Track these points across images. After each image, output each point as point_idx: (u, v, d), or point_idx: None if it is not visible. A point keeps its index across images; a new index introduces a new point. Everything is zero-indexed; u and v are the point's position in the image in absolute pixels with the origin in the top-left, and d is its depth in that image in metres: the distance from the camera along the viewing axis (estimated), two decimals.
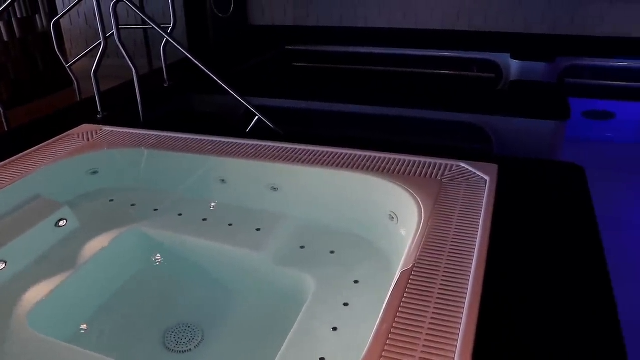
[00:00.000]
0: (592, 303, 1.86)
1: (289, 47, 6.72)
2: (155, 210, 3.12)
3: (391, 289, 1.89)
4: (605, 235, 2.35)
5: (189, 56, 3.64)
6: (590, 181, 2.78)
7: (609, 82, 6.11)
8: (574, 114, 4.78)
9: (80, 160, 3.17)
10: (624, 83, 6.09)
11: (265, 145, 3.14)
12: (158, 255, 2.95)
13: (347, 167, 2.81)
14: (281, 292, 2.66)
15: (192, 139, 3.29)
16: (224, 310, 2.70)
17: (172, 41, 3.75)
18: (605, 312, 1.80)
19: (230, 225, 2.96)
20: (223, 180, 3.14)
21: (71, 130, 3.47)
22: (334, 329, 2.24)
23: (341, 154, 2.96)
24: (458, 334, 1.67)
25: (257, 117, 3.60)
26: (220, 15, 6.49)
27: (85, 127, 3.53)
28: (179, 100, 4.69)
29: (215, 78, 3.61)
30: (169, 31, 4.27)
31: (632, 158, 5.38)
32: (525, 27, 6.59)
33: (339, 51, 6.51)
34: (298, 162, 2.91)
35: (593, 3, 6.34)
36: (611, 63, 6.05)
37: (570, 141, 5.04)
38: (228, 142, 3.22)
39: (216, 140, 3.25)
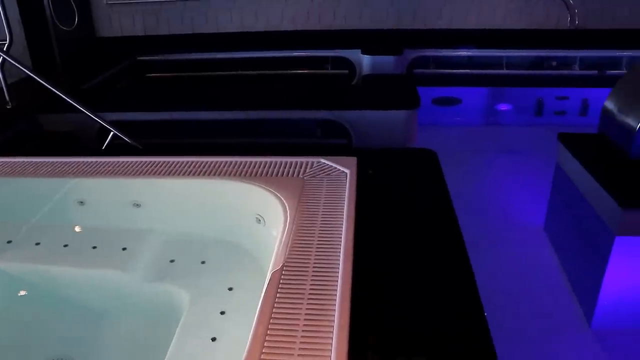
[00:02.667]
0: (453, 278, 1.98)
1: (142, 58, 6.52)
2: (9, 242, 2.90)
3: (263, 291, 1.90)
4: (458, 210, 2.53)
5: (31, 74, 3.43)
6: (443, 162, 2.97)
7: (454, 71, 6.56)
8: (424, 102, 5.07)
9: None
10: (467, 71, 6.57)
11: (124, 161, 3.03)
12: (19, 290, 2.76)
13: (210, 174, 2.78)
14: (155, 309, 2.59)
15: (44, 162, 3.09)
16: (96, 337, 2.58)
17: (9, 59, 3.51)
18: (467, 290, 1.93)
19: (94, 248, 2.83)
20: (82, 202, 2.99)
21: None
22: (213, 339, 2.22)
23: (203, 162, 2.92)
24: (333, 326, 1.72)
25: (112, 133, 3.47)
26: (64, 28, 6.15)
27: None
28: (24, 122, 4.40)
29: (62, 95, 3.43)
30: (4, 48, 3.98)
31: (478, 139, 5.81)
32: (373, 23, 6.88)
33: (193, 58, 6.41)
34: (159, 175, 2.84)
35: None
36: (453, 53, 6.49)
37: (423, 127, 5.35)
38: (83, 161, 3.07)
39: (70, 161, 3.08)
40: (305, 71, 6.36)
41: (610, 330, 3.07)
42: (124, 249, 2.78)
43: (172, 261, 2.74)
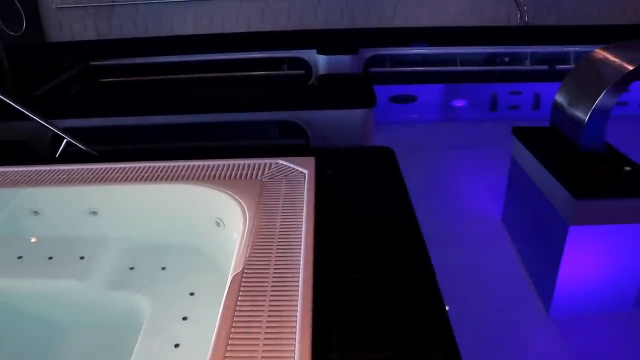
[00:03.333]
0: (414, 275, 2.01)
1: (95, 63, 6.40)
2: None
3: (224, 294, 1.89)
4: (417, 206, 2.56)
5: None
6: (400, 159, 3.00)
7: (409, 68, 6.64)
8: (381, 100, 5.11)
9: None
10: (422, 68, 6.66)
11: (79, 169, 2.96)
12: None
13: (168, 179, 2.75)
14: (115, 319, 2.55)
15: None
16: (55, 351, 2.52)
17: None
18: (427, 286, 1.95)
19: (50, 258, 2.76)
20: (36, 212, 2.92)
21: None
22: (176, 345, 2.20)
23: (160, 167, 2.89)
24: (295, 327, 1.72)
25: (65, 140, 3.39)
26: (12, 33, 5.99)
27: None
28: None
29: (12, 103, 3.34)
30: None
31: (435, 136, 5.89)
32: (328, 23, 6.91)
33: (148, 62, 6.33)
34: (116, 181, 2.79)
35: None
36: (408, 51, 6.58)
37: (380, 126, 5.39)
38: (37, 170, 2.99)
39: (23, 170, 3.00)
40: (262, 72, 6.35)
41: (568, 317, 3.15)
42: (82, 257, 2.72)
43: (131, 268, 2.70)
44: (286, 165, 2.78)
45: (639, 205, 2.92)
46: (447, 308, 3.05)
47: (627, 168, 3.08)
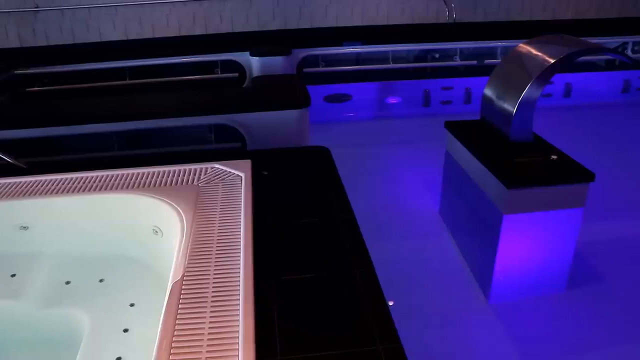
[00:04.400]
0: (354, 272, 2.03)
1: (20, 72, 6.15)
2: None
3: (165, 303, 1.86)
4: (356, 203, 2.59)
5: None
6: (337, 158, 3.03)
7: (343, 68, 6.70)
8: (315, 100, 5.13)
9: None
10: (356, 67, 6.73)
11: (7, 183, 2.85)
12: None
13: (102, 189, 2.68)
14: (53, 336, 2.46)
15: None
16: None
17: None
18: (369, 282, 1.98)
19: None
20: None
21: None
22: (118, 359, 2.15)
23: (93, 177, 2.81)
24: (238, 332, 1.71)
25: None
26: None
27: None
28: None
29: None
30: None
31: (371, 133, 5.97)
32: (260, 25, 6.89)
33: (76, 70, 6.12)
34: (47, 194, 2.70)
35: None
36: (341, 50, 6.63)
37: (316, 126, 5.41)
38: None
39: None
40: (195, 77, 6.27)
41: (506, 303, 3.25)
42: (13, 275, 2.62)
43: (67, 283, 2.61)
44: (222, 169, 2.76)
45: (566, 191, 3.05)
46: (390, 304, 3.10)
47: (554, 157, 3.21)
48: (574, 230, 3.19)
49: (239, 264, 2.01)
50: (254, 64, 6.04)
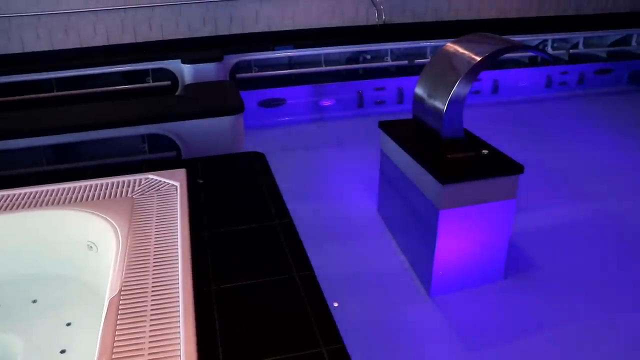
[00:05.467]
0: (294, 275, 2.03)
1: None
2: None
3: (102, 320, 1.81)
4: (294, 206, 2.59)
5: None
6: (274, 162, 3.02)
7: (276, 72, 6.70)
8: (250, 105, 5.11)
9: None
10: (289, 71, 6.74)
11: None
12: None
13: (32, 206, 2.58)
14: None
15: None
16: None
17: None
18: (309, 285, 1.98)
19: None
20: None
21: None
22: None
23: (23, 193, 2.71)
24: (179, 344, 1.68)
25: None
26: None
27: None
28: None
29: None
30: None
31: (306, 136, 5.98)
32: (190, 31, 6.80)
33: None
34: None
35: (246, 3, 6.83)
36: (274, 55, 6.63)
37: (252, 131, 5.40)
38: None
39: None
40: (126, 86, 6.12)
41: (447, 295, 3.32)
42: None
43: None
44: (157, 180, 2.71)
45: (498, 184, 3.15)
46: (335, 305, 3.11)
47: (485, 151, 3.31)
48: (508, 221, 3.29)
49: (178, 274, 1.98)
50: (186, 71, 5.95)
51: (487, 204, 3.18)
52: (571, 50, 7.89)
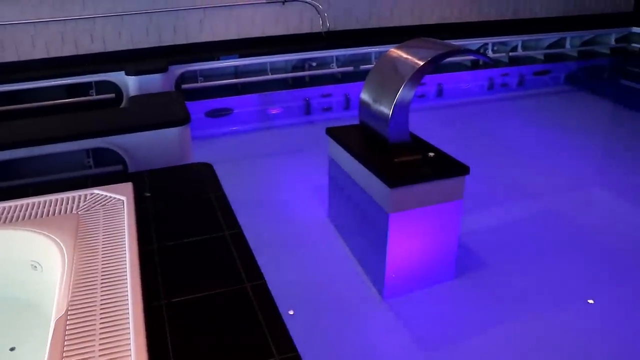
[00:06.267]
0: (246, 285, 2.02)
1: None
2: None
3: (48, 342, 1.75)
4: (245, 216, 2.58)
5: None
6: (223, 172, 3.00)
7: (222, 82, 6.66)
8: (197, 116, 5.05)
9: None
10: (235, 80, 6.71)
11: None
12: None
13: None
14: None
15: None
16: None
17: None
18: (261, 294, 1.97)
19: None
20: None
21: None
22: None
23: None
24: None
25: None
26: None
27: None
28: None
29: None
30: None
31: (255, 145, 5.96)
32: (134, 43, 6.69)
33: None
34: None
35: (190, 13, 6.77)
36: (219, 64, 6.59)
37: (200, 142, 5.35)
38: None
39: None
40: (69, 100, 5.98)
41: (401, 297, 3.36)
42: None
43: None
44: (103, 195, 2.65)
45: (445, 186, 3.20)
46: (290, 313, 3.11)
47: (431, 154, 3.37)
48: (456, 221, 3.35)
49: (127, 291, 1.94)
50: (130, 83, 5.85)
51: (435, 206, 3.23)
52: (511, 53, 8.14)
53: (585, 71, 8.65)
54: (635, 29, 8.99)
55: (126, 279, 2.00)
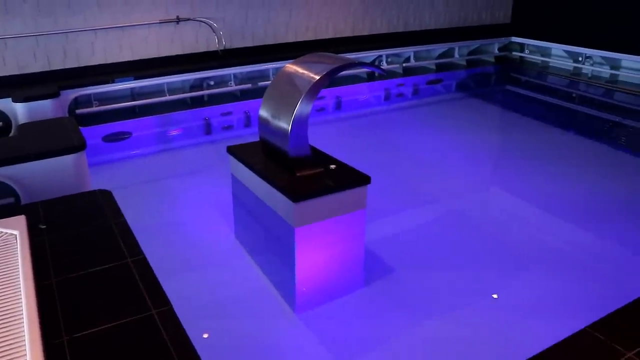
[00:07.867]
0: (153, 314, 1.97)
1: None
2: None
3: None
4: (148, 241, 2.51)
5: None
6: (123, 198, 2.91)
7: (119, 105, 6.48)
8: (94, 141, 4.87)
9: None
10: (132, 103, 6.55)
11: None
12: None
13: None
14: None
15: None
16: None
17: None
18: (168, 319, 1.93)
19: None
20: None
21: None
22: None
23: None
24: None
25: None
26: None
27: None
28: None
29: None
30: None
31: (155, 168, 5.82)
32: (20, 68, 6.37)
33: None
34: None
35: (79, 35, 6.53)
36: (114, 87, 6.42)
37: (98, 168, 5.17)
38: None
39: None
40: None
41: (313, 310, 3.39)
42: None
43: None
44: None
45: (348, 196, 3.27)
46: (205, 336, 3.06)
47: (333, 166, 3.44)
48: (361, 231, 3.43)
49: (23, 329, 1.84)
50: (19, 110, 5.57)
51: (340, 217, 3.30)
52: (404, 64, 8.46)
53: (474, 79, 9.17)
54: (515, 39, 9.64)
55: (22, 317, 1.89)
